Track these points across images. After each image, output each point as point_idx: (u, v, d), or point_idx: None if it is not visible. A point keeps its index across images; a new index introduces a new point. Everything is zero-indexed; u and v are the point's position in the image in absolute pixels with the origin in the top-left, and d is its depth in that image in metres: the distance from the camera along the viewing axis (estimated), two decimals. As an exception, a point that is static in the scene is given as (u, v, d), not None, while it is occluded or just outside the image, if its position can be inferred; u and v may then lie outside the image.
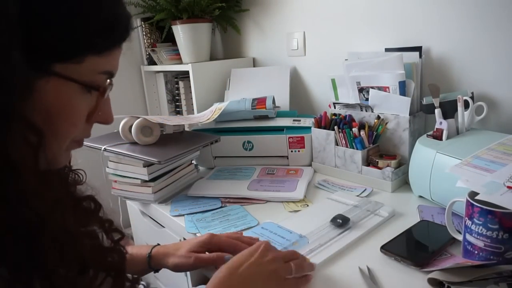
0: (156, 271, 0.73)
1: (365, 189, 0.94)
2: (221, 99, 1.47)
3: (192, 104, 1.49)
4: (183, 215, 0.90)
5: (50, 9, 0.35)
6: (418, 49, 0.99)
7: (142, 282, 0.52)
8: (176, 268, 0.69)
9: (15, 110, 0.34)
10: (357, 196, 0.91)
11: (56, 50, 0.36)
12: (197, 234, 0.82)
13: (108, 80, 0.43)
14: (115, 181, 1.02)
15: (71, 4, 0.37)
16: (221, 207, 0.93)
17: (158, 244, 0.74)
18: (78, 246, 0.39)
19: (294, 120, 1.17)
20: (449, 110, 0.89)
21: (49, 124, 0.39)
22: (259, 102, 1.21)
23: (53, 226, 0.36)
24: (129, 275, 0.51)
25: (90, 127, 0.46)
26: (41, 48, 0.36)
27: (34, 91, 0.36)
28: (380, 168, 0.95)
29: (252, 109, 1.19)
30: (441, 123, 0.87)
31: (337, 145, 1.03)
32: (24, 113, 0.35)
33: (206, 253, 0.68)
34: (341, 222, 0.75)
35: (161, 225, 1.02)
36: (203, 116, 1.20)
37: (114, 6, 0.41)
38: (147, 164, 0.94)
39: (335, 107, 1.12)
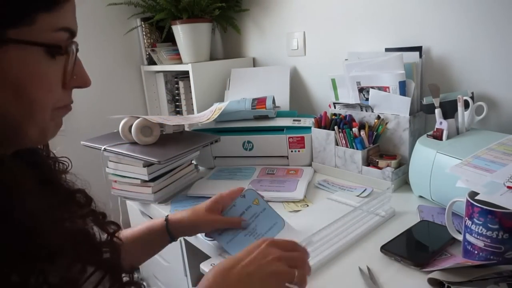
0: (174, 239, 0.74)
1: (365, 189, 0.94)
2: (221, 99, 1.47)
3: (192, 104, 1.49)
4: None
5: None
6: (418, 49, 0.99)
7: (143, 283, 0.51)
8: (194, 232, 0.77)
9: None
10: (357, 196, 0.91)
11: (5, 15, 0.35)
12: (197, 234, 0.82)
13: (72, 41, 0.41)
14: (115, 181, 1.02)
15: None
16: (221, 207, 0.93)
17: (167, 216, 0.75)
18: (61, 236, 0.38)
19: (294, 120, 1.17)
20: (449, 110, 0.89)
21: (21, 96, 0.38)
22: (259, 102, 1.21)
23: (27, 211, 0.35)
24: (124, 269, 0.50)
25: (69, 93, 0.44)
26: None
27: None
28: (380, 168, 0.95)
29: (252, 109, 1.19)
30: (441, 123, 0.87)
31: (337, 145, 1.03)
32: None
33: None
34: None
35: (161, 225, 1.02)
36: (203, 116, 1.20)
37: None
38: (147, 164, 0.94)
39: (335, 107, 1.12)
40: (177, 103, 1.66)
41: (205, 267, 0.70)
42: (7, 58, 0.36)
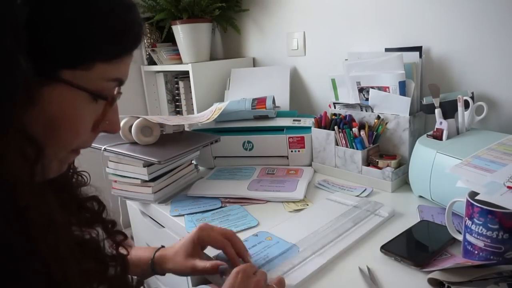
0: (162, 274, 0.72)
1: (365, 189, 0.94)
2: (221, 99, 1.47)
3: (192, 104, 1.49)
4: (183, 215, 0.90)
5: (57, 13, 0.34)
6: (418, 49, 0.99)
7: None
8: (178, 274, 0.69)
9: (15, 121, 0.32)
10: (357, 196, 0.91)
11: (64, 56, 0.35)
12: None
13: (117, 88, 0.41)
14: (115, 181, 1.02)
15: (80, 8, 0.35)
16: (221, 207, 0.93)
17: (163, 246, 0.73)
18: (71, 266, 0.36)
19: (294, 120, 1.17)
20: (449, 110, 0.89)
21: (51, 134, 0.37)
22: (259, 102, 1.21)
23: (45, 248, 0.33)
24: (132, 278, 0.50)
25: (94, 137, 0.43)
26: (48, 54, 0.34)
27: (38, 100, 0.34)
28: (380, 168, 0.95)
29: (252, 109, 1.19)
30: (441, 123, 0.87)
31: (337, 145, 1.03)
32: (24, 124, 0.33)
33: (200, 261, 0.66)
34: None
35: (161, 225, 1.02)
36: (203, 116, 1.20)
37: (125, 12, 0.40)
38: (147, 164, 0.94)
39: (335, 107, 1.12)
40: (177, 103, 1.66)
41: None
42: (52, 95, 0.36)
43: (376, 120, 1.00)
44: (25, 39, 0.32)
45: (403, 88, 0.96)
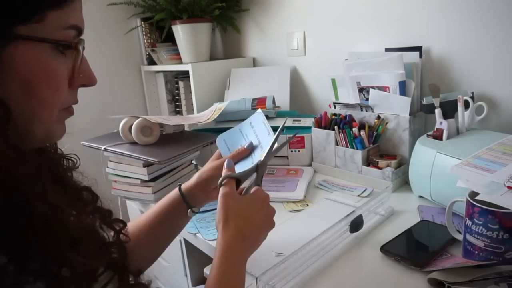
0: (195, 212, 0.71)
1: (365, 189, 0.94)
2: (221, 99, 1.47)
3: (192, 104, 1.49)
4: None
5: None
6: (418, 49, 0.99)
7: (150, 284, 0.52)
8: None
9: None
10: (357, 196, 0.91)
11: (16, 11, 0.35)
12: (197, 235, 0.82)
13: (77, 36, 0.42)
14: (115, 181, 1.02)
15: None
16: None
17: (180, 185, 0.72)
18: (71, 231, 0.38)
19: (294, 120, 1.17)
20: (449, 110, 0.89)
21: (30, 94, 0.38)
22: (259, 102, 1.21)
23: (40, 205, 0.35)
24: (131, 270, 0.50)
25: (75, 92, 0.44)
26: (0, 12, 0.34)
27: (5, 62, 0.35)
28: (380, 168, 0.95)
29: (252, 109, 1.19)
30: (441, 123, 0.87)
31: (337, 145, 1.03)
32: None
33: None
34: (356, 226, 0.74)
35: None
36: (203, 116, 1.20)
37: None
38: (147, 164, 0.94)
39: (335, 107, 1.11)
40: (177, 103, 1.66)
41: (208, 271, 0.70)
42: (16, 54, 0.36)
43: (376, 120, 1.00)
44: None
45: (403, 88, 0.96)
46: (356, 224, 0.73)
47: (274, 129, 0.70)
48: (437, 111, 0.89)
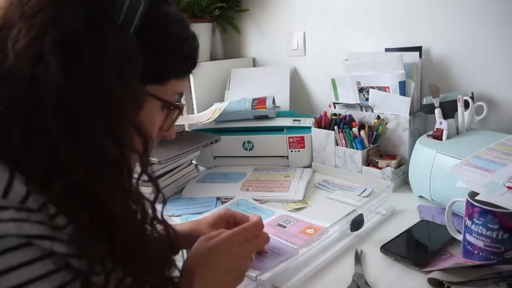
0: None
1: (365, 189, 0.94)
2: (221, 99, 1.47)
3: (192, 104, 1.49)
4: (179, 215, 0.90)
5: (155, 45, 0.44)
6: (418, 49, 0.99)
7: None
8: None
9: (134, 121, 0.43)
10: (357, 196, 0.91)
11: (151, 75, 0.45)
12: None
13: (179, 98, 0.52)
14: (115, 181, 1.01)
15: (167, 38, 0.46)
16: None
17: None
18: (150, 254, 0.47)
19: (294, 120, 1.17)
20: (449, 110, 0.89)
21: (143, 135, 0.46)
22: (259, 102, 1.21)
23: (131, 230, 0.44)
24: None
25: (155, 141, 0.54)
26: (142, 73, 0.43)
27: (140, 106, 0.44)
28: (380, 168, 0.95)
29: (252, 109, 1.19)
30: (441, 123, 0.87)
31: (337, 145, 1.03)
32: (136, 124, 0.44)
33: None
34: (357, 225, 0.74)
35: (161, 225, 1.02)
36: (203, 116, 1.20)
37: (193, 40, 0.50)
38: (147, 164, 0.94)
39: (335, 107, 1.12)
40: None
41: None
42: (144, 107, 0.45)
43: (376, 120, 1.00)
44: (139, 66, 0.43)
45: (403, 88, 0.96)
46: (356, 223, 0.73)
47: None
48: (437, 111, 0.89)
